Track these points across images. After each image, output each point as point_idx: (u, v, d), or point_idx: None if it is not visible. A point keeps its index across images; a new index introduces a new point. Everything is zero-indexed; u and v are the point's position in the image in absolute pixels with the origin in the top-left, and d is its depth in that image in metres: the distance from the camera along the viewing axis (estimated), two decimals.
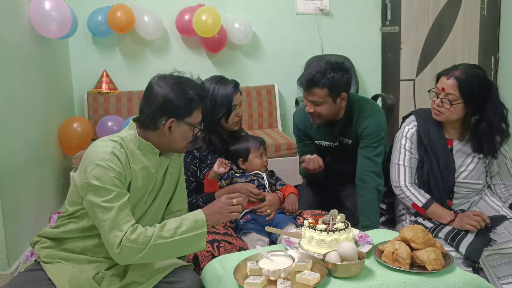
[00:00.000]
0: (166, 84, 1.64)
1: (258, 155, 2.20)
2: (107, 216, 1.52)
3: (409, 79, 4.36)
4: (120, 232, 1.51)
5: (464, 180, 2.16)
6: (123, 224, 1.52)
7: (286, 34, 4.05)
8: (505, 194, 2.21)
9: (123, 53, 3.85)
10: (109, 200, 1.53)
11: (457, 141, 2.18)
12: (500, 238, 1.99)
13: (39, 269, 1.62)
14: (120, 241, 1.50)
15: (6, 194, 2.35)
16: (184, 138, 1.70)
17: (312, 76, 2.14)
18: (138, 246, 1.51)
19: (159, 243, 1.52)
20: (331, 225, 1.63)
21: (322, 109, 2.21)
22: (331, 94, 2.17)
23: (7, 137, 2.41)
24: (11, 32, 2.57)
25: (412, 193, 2.16)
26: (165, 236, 1.54)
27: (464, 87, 2.04)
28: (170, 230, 1.55)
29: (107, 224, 1.52)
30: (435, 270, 1.49)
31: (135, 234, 1.51)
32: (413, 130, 2.21)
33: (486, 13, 4.28)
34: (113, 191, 1.54)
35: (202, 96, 1.69)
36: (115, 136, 1.67)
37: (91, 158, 1.58)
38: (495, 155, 2.14)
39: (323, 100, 2.18)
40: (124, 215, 1.54)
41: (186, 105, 1.64)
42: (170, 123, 1.64)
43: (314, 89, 2.16)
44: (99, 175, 1.53)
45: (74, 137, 3.31)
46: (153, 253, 1.53)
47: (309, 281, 1.40)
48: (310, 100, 2.21)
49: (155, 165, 1.69)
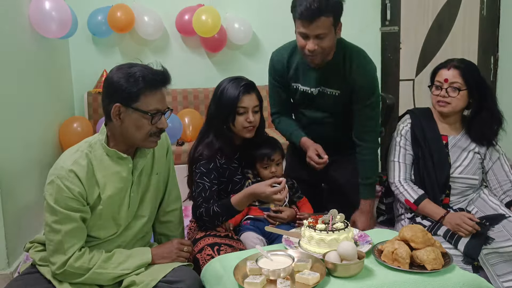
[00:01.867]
0: (115, 69, 1.58)
1: (263, 166, 2.10)
2: (54, 237, 1.54)
3: (409, 79, 4.36)
4: (64, 256, 1.53)
5: (460, 175, 2.18)
6: (68, 248, 1.54)
7: (286, 34, 4.04)
8: (499, 192, 2.22)
9: (123, 53, 3.85)
10: (58, 221, 1.53)
11: (452, 136, 2.22)
12: (498, 237, 1.99)
13: (35, 271, 1.63)
14: (62, 264, 1.53)
15: (6, 194, 2.35)
16: (138, 128, 1.57)
17: (318, 3, 1.88)
18: (80, 272, 1.55)
19: (99, 272, 1.57)
20: (331, 225, 1.64)
21: (326, 43, 1.99)
22: (335, 22, 1.97)
23: (7, 137, 2.41)
24: (11, 32, 2.57)
25: (405, 189, 2.18)
26: (107, 268, 1.58)
27: (466, 74, 2.12)
28: (114, 263, 1.59)
29: (52, 245, 1.55)
30: (434, 269, 1.49)
31: (79, 262, 1.54)
32: (407, 127, 2.25)
33: (485, 13, 4.28)
34: (63, 214, 1.53)
35: (148, 79, 1.55)
36: (85, 142, 1.63)
37: (53, 167, 1.58)
38: (494, 142, 2.20)
39: (328, 30, 1.96)
40: (71, 239, 1.54)
41: (129, 87, 1.52)
42: (117, 109, 1.54)
43: (321, 19, 1.91)
44: (53, 193, 1.53)
45: (74, 137, 3.30)
46: (92, 278, 1.57)
47: (309, 280, 1.40)
48: (314, 34, 1.96)
49: (127, 168, 1.64)
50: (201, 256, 1.80)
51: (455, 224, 2.02)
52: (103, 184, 1.60)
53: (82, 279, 1.55)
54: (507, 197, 2.20)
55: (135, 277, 1.59)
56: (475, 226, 2.00)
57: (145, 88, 1.55)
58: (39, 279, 1.60)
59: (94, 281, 1.58)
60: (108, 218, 1.64)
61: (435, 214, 2.11)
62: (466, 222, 2.00)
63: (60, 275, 1.55)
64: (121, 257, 1.61)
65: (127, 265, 1.60)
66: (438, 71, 2.19)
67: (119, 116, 1.56)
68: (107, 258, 1.59)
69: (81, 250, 1.56)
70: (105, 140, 1.62)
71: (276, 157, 2.12)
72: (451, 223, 2.04)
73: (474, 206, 2.19)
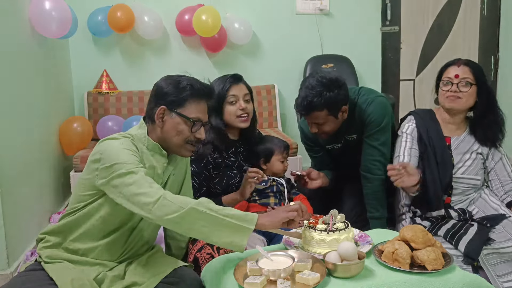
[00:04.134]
0: (165, 78, 1.68)
1: (282, 159, 2.17)
2: (134, 178, 1.46)
3: (409, 79, 4.36)
4: (155, 187, 1.45)
5: (462, 175, 2.17)
6: (153, 183, 1.47)
7: (286, 34, 4.06)
8: (501, 191, 2.22)
9: (123, 53, 3.85)
10: (133, 166, 1.49)
11: (455, 137, 2.21)
12: (499, 237, 1.99)
13: (40, 269, 1.62)
14: (158, 197, 1.42)
15: (6, 194, 2.35)
16: (178, 133, 1.64)
17: (309, 101, 2.07)
18: (177, 203, 1.43)
19: (200, 210, 1.43)
20: (331, 225, 1.64)
21: (326, 127, 2.17)
22: (332, 113, 2.13)
23: (7, 137, 2.41)
24: (11, 32, 2.57)
25: None
26: (210, 208, 1.44)
27: (476, 70, 2.15)
28: (217, 207, 1.46)
29: (135, 184, 1.45)
30: (435, 270, 1.49)
31: (174, 197, 1.44)
32: (412, 126, 2.24)
33: (486, 13, 4.28)
34: (136, 164, 1.51)
35: (196, 87, 1.63)
36: (125, 133, 1.67)
37: (109, 149, 1.55)
38: (498, 142, 2.21)
39: (325, 119, 2.14)
40: (151, 179, 1.49)
41: (176, 92, 1.62)
42: (162, 111, 1.62)
43: (314, 113, 2.11)
44: (120, 156, 1.51)
45: (74, 137, 3.31)
46: (189, 218, 1.42)
47: (309, 281, 1.40)
48: (312, 122, 2.17)
49: (162, 167, 1.68)
50: (200, 255, 1.80)
51: None
52: None
53: (176, 215, 1.41)
54: (508, 197, 2.19)
55: (136, 277, 1.59)
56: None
57: (191, 96, 1.63)
58: (42, 276, 1.59)
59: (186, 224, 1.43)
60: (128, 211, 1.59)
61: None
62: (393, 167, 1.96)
63: (155, 211, 1.42)
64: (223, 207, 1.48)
65: (232, 212, 1.45)
66: (446, 68, 2.18)
67: (162, 118, 1.64)
68: (208, 201, 1.47)
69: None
70: (147, 134, 1.67)
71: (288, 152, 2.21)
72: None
73: (475, 206, 2.19)
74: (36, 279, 1.57)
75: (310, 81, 2.12)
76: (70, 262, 1.61)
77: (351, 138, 2.34)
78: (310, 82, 2.11)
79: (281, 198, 2.16)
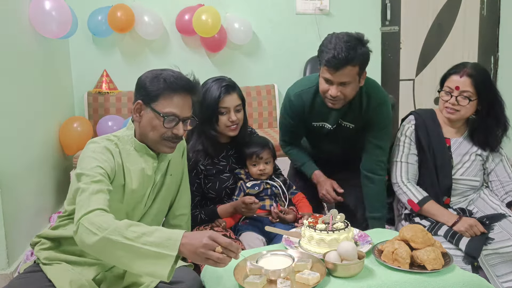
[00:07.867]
0: (148, 71, 1.65)
1: (253, 162, 2.12)
2: (80, 197, 1.41)
3: (409, 79, 4.36)
4: (84, 210, 1.35)
5: (461, 176, 2.17)
6: (92, 205, 1.36)
7: (286, 34, 4.06)
8: (501, 192, 2.21)
9: (123, 53, 3.85)
10: (87, 182, 1.44)
11: (454, 139, 2.21)
12: (498, 237, 1.99)
13: (39, 270, 1.61)
14: (79, 218, 1.33)
15: (6, 194, 2.35)
16: (153, 128, 1.59)
17: (346, 53, 1.91)
18: (93, 230, 1.29)
19: (113, 240, 1.27)
20: (331, 225, 1.64)
21: (349, 90, 2.01)
22: (360, 71, 2.00)
23: (7, 137, 2.41)
24: (11, 32, 2.57)
25: (409, 189, 2.16)
26: (125, 236, 1.28)
27: (478, 83, 2.09)
28: (135, 232, 1.28)
29: (78, 205, 1.39)
30: (434, 269, 1.49)
31: (98, 218, 1.31)
32: (412, 128, 2.23)
33: (485, 13, 4.28)
34: (94, 176, 1.45)
35: (169, 82, 1.57)
36: (111, 135, 1.66)
37: (83, 153, 1.56)
38: (498, 148, 2.19)
39: (352, 79, 1.98)
40: (98, 199, 1.40)
41: (151, 86, 1.58)
42: (138, 106, 1.61)
43: (347, 68, 1.94)
44: (85, 165, 1.50)
45: (74, 137, 3.31)
46: (103, 247, 1.29)
47: (309, 280, 1.40)
48: (338, 81, 1.98)
49: (152, 167, 1.66)
50: None
51: (468, 224, 2.00)
52: (129, 176, 1.60)
53: (92, 242, 1.29)
54: (508, 197, 2.19)
55: (135, 278, 1.58)
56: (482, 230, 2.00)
57: (164, 90, 1.58)
58: (41, 278, 1.59)
59: (102, 253, 1.32)
60: (122, 213, 1.61)
61: (445, 217, 2.08)
62: (477, 226, 1.99)
63: (77, 235, 1.34)
64: (146, 228, 1.31)
65: (150, 239, 1.27)
66: (449, 76, 2.15)
67: (139, 113, 1.62)
68: (128, 225, 1.30)
69: (104, 211, 1.37)
70: (134, 135, 1.66)
71: (265, 155, 2.13)
72: (464, 226, 2.01)
73: (474, 206, 2.19)
74: (35, 281, 1.56)
75: (339, 36, 1.97)
76: (69, 263, 1.60)
77: (346, 125, 2.22)
78: (340, 38, 1.96)
79: (277, 200, 2.15)
